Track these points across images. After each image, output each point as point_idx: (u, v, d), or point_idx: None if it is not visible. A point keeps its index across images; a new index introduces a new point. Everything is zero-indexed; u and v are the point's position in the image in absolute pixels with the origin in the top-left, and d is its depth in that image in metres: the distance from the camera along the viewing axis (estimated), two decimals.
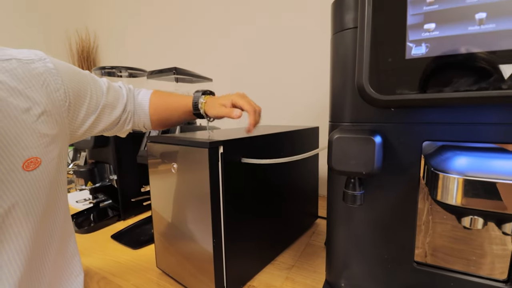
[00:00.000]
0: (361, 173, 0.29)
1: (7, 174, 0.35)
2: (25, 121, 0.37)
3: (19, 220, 0.37)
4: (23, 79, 0.37)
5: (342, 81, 0.37)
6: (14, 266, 0.37)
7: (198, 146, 0.48)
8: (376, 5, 0.27)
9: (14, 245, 0.37)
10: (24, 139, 0.36)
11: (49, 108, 0.40)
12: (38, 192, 0.39)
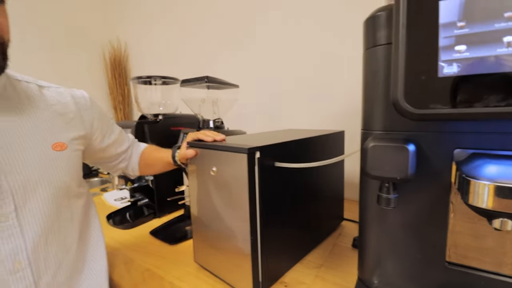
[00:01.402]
0: (396, 178, 0.32)
1: (43, 150, 0.49)
2: (59, 119, 0.53)
3: (43, 184, 0.48)
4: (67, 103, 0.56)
5: (374, 93, 0.40)
6: (37, 221, 0.47)
7: (237, 151, 0.53)
8: (410, 27, 0.30)
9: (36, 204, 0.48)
10: (56, 129, 0.52)
11: (77, 121, 0.57)
12: (60, 168, 0.51)
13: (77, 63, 1.97)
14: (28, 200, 0.46)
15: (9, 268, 0.44)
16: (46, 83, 0.57)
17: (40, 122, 0.50)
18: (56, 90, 0.57)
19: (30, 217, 0.47)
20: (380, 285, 0.43)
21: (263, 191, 0.55)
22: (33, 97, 0.52)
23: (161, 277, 0.67)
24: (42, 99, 0.53)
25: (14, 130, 0.46)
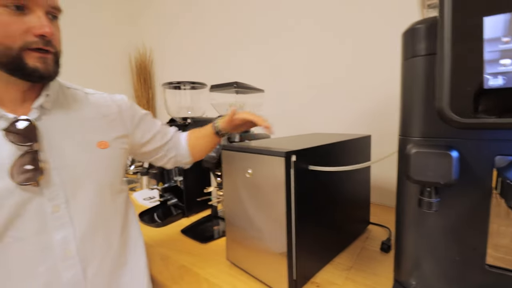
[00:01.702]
0: (439, 183, 0.34)
1: (84, 150, 0.53)
2: (103, 120, 0.58)
3: (89, 179, 0.53)
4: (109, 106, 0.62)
5: (413, 101, 0.42)
6: (83, 212, 0.52)
7: (274, 155, 0.56)
8: (455, 42, 0.32)
9: (83, 196, 0.52)
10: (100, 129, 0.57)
11: (119, 122, 0.61)
12: (102, 166, 0.56)
13: (105, 68, 2.08)
14: (77, 193, 0.51)
15: (61, 255, 0.49)
16: (91, 90, 0.62)
17: (86, 123, 0.56)
18: (100, 95, 0.62)
19: (79, 209, 0.51)
20: (418, 286, 0.44)
21: (297, 193, 0.57)
22: (80, 102, 0.57)
23: (197, 274, 0.70)
24: (88, 103, 0.58)
25: (64, 131, 0.52)
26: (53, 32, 0.47)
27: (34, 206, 0.47)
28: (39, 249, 0.48)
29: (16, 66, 0.45)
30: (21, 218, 0.46)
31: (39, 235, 0.48)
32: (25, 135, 0.46)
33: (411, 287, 0.45)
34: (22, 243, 0.46)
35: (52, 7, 0.47)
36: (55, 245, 0.49)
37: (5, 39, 0.43)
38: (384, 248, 0.77)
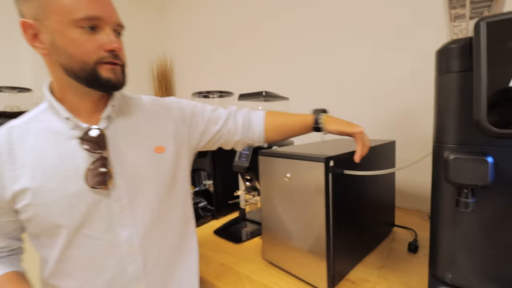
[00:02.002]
0: (477, 185, 0.39)
1: (144, 155, 0.58)
2: (156, 126, 0.62)
3: (148, 182, 0.58)
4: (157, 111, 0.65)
5: (448, 112, 0.47)
6: (143, 213, 0.57)
7: (314, 160, 0.61)
8: (490, 61, 0.37)
9: (144, 198, 0.57)
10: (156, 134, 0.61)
11: (171, 124, 0.64)
12: (160, 169, 0.60)
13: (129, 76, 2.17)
14: (138, 195, 0.56)
15: (126, 251, 0.55)
16: (144, 96, 0.67)
17: (143, 130, 0.60)
18: (151, 102, 0.66)
19: (140, 209, 0.57)
20: (454, 279, 0.49)
21: (334, 196, 0.62)
22: (137, 110, 0.62)
23: (237, 271, 0.76)
24: (144, 111, 0.63)
25: (126, 138, 0.57)
26: (120, 47, 0.53)
27: (103, 206, 0.53)
28: (107, 245, 0.54)
29: (93, 78, 0.51)
30: (93, 217, 0.52)
31: (108, 233, 0.53)
32: (97, 143, 0.52)
33: (447, 280, 0.49)
34: (93, 240, 0.52)
35: (117, 24, 0.52)
36: (121, 241, 0.54)
37: (82, 55, 0.49)
38: (411, 249, 0.81)
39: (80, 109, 0.55)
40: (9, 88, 1.47)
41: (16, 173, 0.48)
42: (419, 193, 1.14)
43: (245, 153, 1.03)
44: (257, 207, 1.11)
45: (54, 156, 0.50)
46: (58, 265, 0.52)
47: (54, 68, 0.52)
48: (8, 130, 0.52)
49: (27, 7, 0.49)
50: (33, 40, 0.50)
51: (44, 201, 0.49)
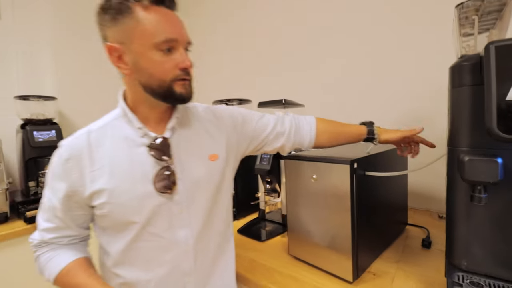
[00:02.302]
0: (489, 182, 0.46)
1: (201, 163, 0.63)
2: (210, 135, 0.66)
3: (203, 188, 0.63)
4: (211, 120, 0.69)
5: (460, 120, 0.55)
6: (198, 216, 0.62)
7: (340, 162, 0.69)
8: (499, 77, 0.45)
9: (199, 203, 0.62)
10: (210, 143, 0.66)
11: (223, 132, 0.69)
12: (213, 176, 0.65)
13: None
14: (194, 199, 0.62)
15: (182, 249, 0.61)
16: (199, 104, 0.70)
17: (199, 139, 0.65)
18: (206, 111, 0.70)
19: (195, 212, 0.63)
20: (469, 266, 0.55)
21: (358, 196, 0.69)
22: (194, 119, 0.66)
23: (266, 266, 0.82)
24: (200, 120, 0.67)
25: (185, 147, 0.63)
26: (192, 64, 0.57)
27: (165, 208, 0.59)
28: (167, 242, 0.60)
29: (168, 94, 0.56)
30: (156, 217, 0.58)
31: (167, 231, 0.60)
32: (162, 151, 0.58)
33: (463, 267, 0.56)
34: (155, 237, 0.59)
35: (187, 42, 0.57)
36: (179, 240, 0.61)
37: (161, 75, 0.54)
38: (425, 245, 0.88)
39: (149, 119, 0.61)
40: (36, 97, 1.56)
41: (94, 174, 0.55)
42: (430, 194, 1.20)
43: (266, 157, 1.10)
44: (276, 207, 1.18)
45: (126, 161, 0.57)
46: (123, 256, 0.59)
47: (132, 85, 0.58)
48: (87, 134, 0.58)
49: (113, 32, 0.54)
50: (117, 62, 0.55)
51: (119, 201, 0.55)
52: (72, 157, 0.56)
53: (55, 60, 1.76)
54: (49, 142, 1.47)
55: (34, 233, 0.61)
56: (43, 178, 1.49)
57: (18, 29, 1.68)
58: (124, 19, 0.53)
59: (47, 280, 0.60)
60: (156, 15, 0.53)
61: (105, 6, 0.54)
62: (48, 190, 0.58)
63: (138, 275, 0.60)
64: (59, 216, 0.58)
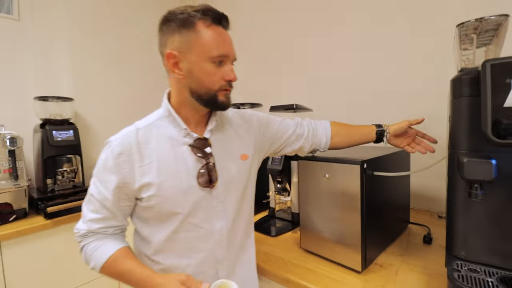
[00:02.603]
0: (484, 180, 0.53)
1: (234, 162, 0.71)
2: (240, 137, 0.74)
3: (235, 184, 0.71)
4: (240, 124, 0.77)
5: (460, 126, 0.62)
6: (231, 209, 0.70)
7: (351, 163, 0.76)
8: (493, 92, 0.52)
9: (232, 197, 0.70)
10: (241, 144, 0.74)
11: (251, 134, 0.76)
12: (243, 174, 0.72)
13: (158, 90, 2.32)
14: (229, 194, 0.70)
15: (218, 238, 0.68)
16: (231, 110, 0.77)
17: (232, 140, 0.72)
18: (236, 116, 0.77)
19: (229, 206, 0.70)
20: (467, 256, 0.63)
21: (366, 194, 0.76)
22: (228, 123, 0.74)
23: (281, 258, 0.89)
24: (231, 123, 0.75)
25: (221, 146, 0.69)
26: (236, 77, 0.64)
27: (205, 201, 0.66)
28: (205, 232, 0.67)
29: (213, 102, 0.64)
30: (197, 209, 0.65)
31: (206, 222, 0.66)
32: (202, 150, 0.65)
33: (461, 256, 0.63)
34: (195, 227, 0.66)
35: (234, 58, 0.65)
36: (215, 231, 0.68)
37: (210, 84, 0.62)
38: (426, 241, 0.95)
39: (190, 120, 0.68)
40: (55, 98, 1.63)
41: (143, 169, 0.62)
42: (431, 196, 1.28)
43: (277, 158, 1.17)
44: (286, 206, 1.25)
45: (171, 158, 0.64)
46: (164, 245, 0.65)
47: (181, 89, 0.65)
48: (136, 131, 0.64)
49: (174, 41, 0.61)
50: (173, 67, 0.62)
51: (165, 194, 0.62)
52: (124, 152, 0.62)
53: (72, 62, 1.82)
54: (66, 142, 1.53)
55: (78, 224, 0.66)
56: (59, 176, 1.56)
57: (36, 31, 1.76)
58: (187, 31, 0.60)
59: (92, 269, 0.65)
60: (214, 33, 0.61)
61: (170, 17, 0.61)
62: (97, 183, 0.64)
63: (178, 261, 0.66)
64: (108, 206, 0.63)
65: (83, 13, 1.87)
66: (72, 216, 1.40)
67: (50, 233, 1.34)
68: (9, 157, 1.39)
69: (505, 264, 0.59)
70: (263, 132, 0.80)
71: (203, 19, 0.60)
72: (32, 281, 1.28)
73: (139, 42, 2.17)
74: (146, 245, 0.68)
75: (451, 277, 0.58)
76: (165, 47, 0.63)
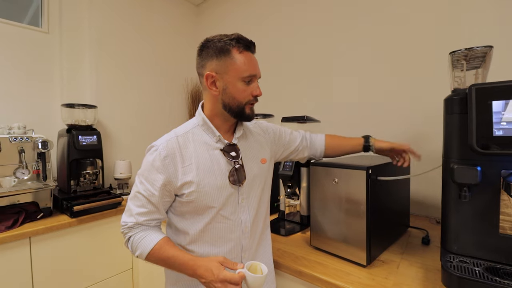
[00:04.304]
0: (471, 183, 0.64)
1: (256, 165, 0.83)
2: (260, 143, 0.87)
3: (257, 183, 0.83)
4: (259, 133, 0.91)
5: (452, 139, 0.73)
6: (253, 204, 0.81)
7: (357, 169, 0.87)
8: (478, 112, 0.64)
9: (254, 194, 0.82)
10: (260, 149, 0.86)
11: (268, 142, 0.90)
12: (263, 175, 0.85)
13: (168, 97, 2.46)
14: (252, 191, 0.82)
15: (243, 230, 0.79)
16: (251, 123, 0.90)
17: (254, 146, 0.85)
18: (255, 126, 0.91)
19: (252, 202, 0.81)
20: (458, 250, 0.73)
21: (371, 197, 0.87)
22: (249, 132, 0.87)
23: (293, 253, 0.99)
24: (252, 132, 0.88)
25: (246, 151, 0.82)
26: (261, 93, 0.77)
27: (234, 197, 0.78)
28: (233, 224, 0.78)
29: (241, 113, 0.76)
30: (227, 204, 0.76)
31: (233, 215, 0.78)
32: (234, 153, 0.77)
33: (454, 250, 0.73)
34: (225, 219, 0.77)
35: (259, 77, 0.78)
36: (241, 223, 0.79)
37: (240, 98, 0.74)
38: (425, 242, 1.05)
39: (220, 129, 0.80)
40: (81, 105, 1.75)
41: (185, 169, 0.73)
42: (430, 203, 1.38)
43: (288, 164, 1.28)
44: (295, 210, 1.35)
45: (207, 160, 0.75)
46: (199, 235, 0.76)
47: (215, 102, 0.77)
48: (176, 138, 0.75)
49: (212, 64, 0.73)
50: (211, 85, 0.74)
51: (203, 190, 0.73)
52: (168, 154, 0.73)
53: (96, 73, 1.96)
54: (90, 146, 1.65)
55: (123, 218, 0.76)
56: (82, 178, 1.67)
57: (63, 44, 1.90)
58: (224, 57, 0.72)
59: (137, 257, 0.74)
60: (245, 57, 0.73)
61: (208, 45, 0.74)
62: (144, 182, 0.74)
63: (210, 249, 0.77)
64: (153, 202, 0.73)
65: (106, 28, 2.02)
66: (93, 215, 1.51)
67: (75, 230, 1.44)
68: (37, 159, 1.50)
69: (489, 256, 0.70)
70: (277, 142, 0.94)
71: (237, 46, 0.73)
72: (56, 274, 1.38)
73: (155, 56, 2.32)
74: (182, 236, 0.78)
75: (445, 266, 0.69)
76: (204, 69, 0.76)
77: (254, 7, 2.15)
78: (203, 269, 0.66)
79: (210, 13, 2.55)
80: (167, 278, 0.85)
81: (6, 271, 1.22)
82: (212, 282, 0.65)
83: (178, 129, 0.80)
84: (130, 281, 1.68)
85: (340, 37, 1.68)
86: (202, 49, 0.76)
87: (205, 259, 0.69)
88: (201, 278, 0.67)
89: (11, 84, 1.71)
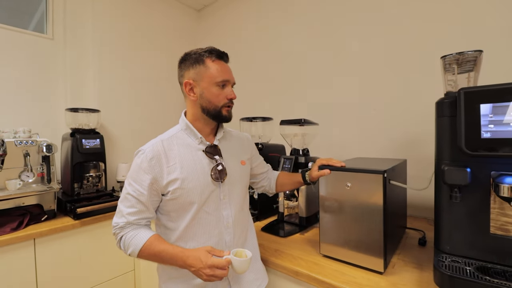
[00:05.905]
0: (461, 185, 0.66)
1: (236, 165, 0.89)
2: (241, 147, 0.96)
3: (238, 182, 0.89)
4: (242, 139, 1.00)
5: (443, 141, 0.75)
6: (234, 202, 0.87)
7: (373, 172, 0.84)
8: (466, 114, 0.66)
9: (235, 193, 0.87)
10: (241, 153, 0.93)
11: (247, 150, 0.99)
12: (243, 175, 0.91)
13: (170, 102, 2.49)
14: (233, 190, 0.87)
15: (225, 225, 0.84)
16: (233, 130, 1.00)
17: (234, 148, 0.93)
18: (236, 133, 1.01)
19: (233, 199, 0.86)
20: (451, 250, 0.74)
21: (385, 201, 0.84)
22: (229, 135, 0.96)
23: (291, 254, 1.01)
24: (233, 136, 0.97)
25: (227, 152, 0.89)
26: (235, 96, 0.85)
27: (215, 194, 0.83)
28: (215, 220, 0.82)
29: (218, 115, 0.84)
30: (209, 200, 0.81)
31: (216, 211, 0.83)
32: (213, 154, 0.83)
33: (446, 250, 0.75)
34: (208, 215, 0.81)
35: (233, 83, 0.87)
36: (223, 219, 0.84)
37: (216, 102, 0.82)
38: (421, 243, 1.06)
39: (202, 131, 0.86)
40: (84, 110, 1.79)
41: (170, 169, 0.78)
42: (426, 204, 1.39)
43: (287, 167, 1.30)
44: (294, 211, 1.37)
45: (190, 160, 0.81)
46: (185, 231, 0.80)
47: (194, 107, 0.85)
48: (161, 142, 0.82)
49: (189, 73, 0.83)
50: (189, 92, 0.83)
51: (187, 187, 0.78)
52: (154, 156, 0.78)
53: (99, 78, 2.00)
54: (94, 149, 1.68)
55: (115, 219, 0.79)
56: (85, 181, 1.70)
57: (67, 49, 1.95)
58: (199, 65, 0.82)
59: (129, 255, 0.77)
60: (218, 65, 0.82)
61: (186, 57, 0.85)
62: (133, 183, 0.78)
63: (196, 245, 0.80)
64: (142, 201, 0.77)
65: (109, 34, 2.06)
66: (96, 217, 1.54)
67: (78, 232, 1.47)
68: (42, 162, 1.54)
69: (481, 256, 0.71)
70: (252, 159, 1.02)
71: (210, 56, 0.82)
72: (59, 275, 1.41)
73: (157, 61, 2.36)
74: (170, 234, 0.83)
75: (437, 266, 0.70)
76: (183, 78, 0.84)
77: (255, 10, 2.18)
78: (192, 258, 0.71)
79: (211, 18, 2.59)
80: (160, 277, 0.89)
81: (11, 271, 1.25)
82: (201, 269, 0.69)
83: (163, 134, 0.87)
84: (132, 283, 1.70)
85: (340, 37, 1.71)
86: (181, 62, 0.86)
87: (194, 249, 0.74)
88: (191, 267, 0.71)
89: (17, 88, 1.76)
